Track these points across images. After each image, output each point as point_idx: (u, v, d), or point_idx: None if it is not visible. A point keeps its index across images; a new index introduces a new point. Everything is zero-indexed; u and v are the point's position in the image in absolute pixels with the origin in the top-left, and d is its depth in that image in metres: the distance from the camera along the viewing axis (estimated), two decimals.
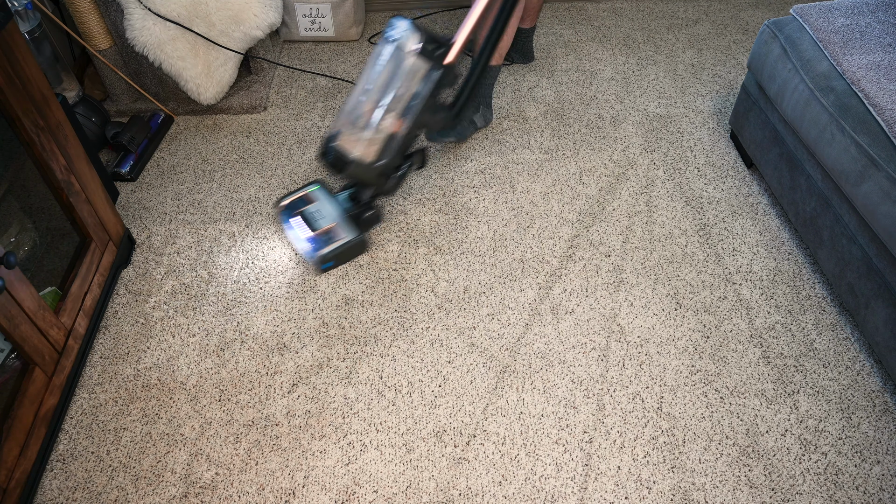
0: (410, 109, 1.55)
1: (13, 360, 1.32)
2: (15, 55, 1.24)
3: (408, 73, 1.50)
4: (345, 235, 1.67)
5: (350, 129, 1.55)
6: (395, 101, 1.52)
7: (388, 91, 1.51)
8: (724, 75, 2.27)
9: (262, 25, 2.05)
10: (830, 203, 1.51)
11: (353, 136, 1.55)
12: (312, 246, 1.65)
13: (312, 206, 1.75)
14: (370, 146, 1.55)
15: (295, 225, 1.72)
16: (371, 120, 1.53)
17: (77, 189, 1.45)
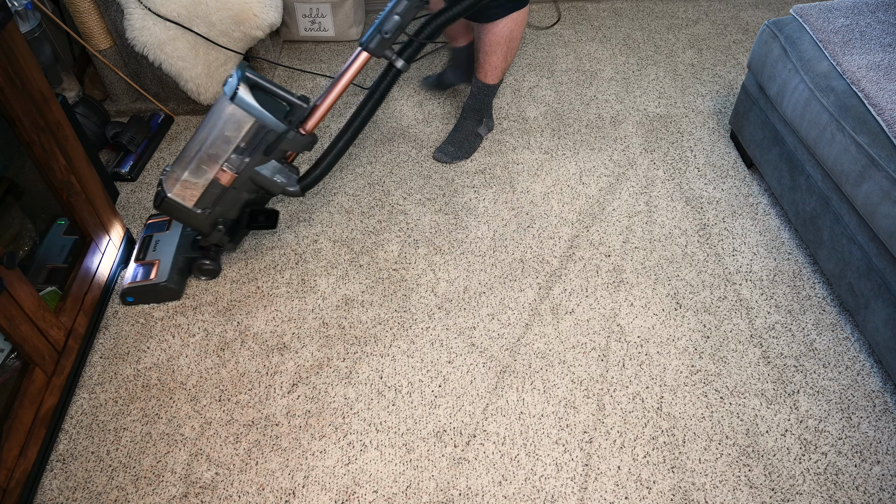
0: (238, 163, 1.48)
1: (13, 360, 1.32)
2: (15, 55, 1.24)
3: (228, 123, 1.42)
4: (158, 277, 1.58)
5: (175, 167, 1.49)
6: (215, 148, 1.45)
7: (209, 137, 1.45)
8: (724, 75, 2.27)
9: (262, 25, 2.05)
10: (830, 203, 1.51)
11: (174, 174, 1.49)
12: (131, 273, 1.60)
13: (161, 234, 1.67)
14: (188, 189, 1.49)
15: (138, 245, 1.66)
16: (192, 164, 1.47)
17: (77, 189, 1.45)
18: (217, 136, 1.44)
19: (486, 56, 1.81)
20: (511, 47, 1.80)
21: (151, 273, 1.59)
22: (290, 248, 1.74)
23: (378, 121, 2.13)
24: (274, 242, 1.76)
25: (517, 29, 1.76)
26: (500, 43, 1.77)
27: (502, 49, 1.79)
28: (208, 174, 1.48)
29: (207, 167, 1.47)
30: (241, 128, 1.43)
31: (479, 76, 1.89)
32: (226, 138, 1.44)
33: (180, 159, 1.49)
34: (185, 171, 1.48)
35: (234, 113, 1.41)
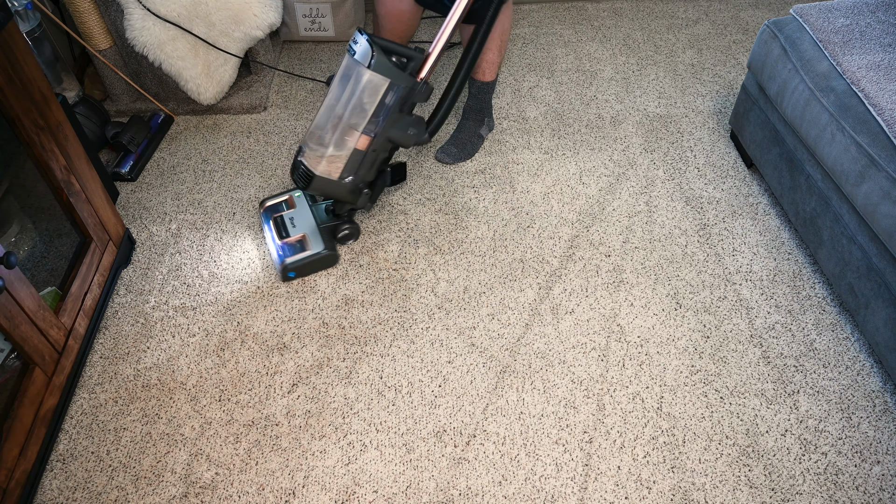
0: (375, 125, 1.50)
1: (13, 360, 1.32)
2: (15, 55, 1.24)
3: (366, 90, 1.43)
4: (313, 248, 1.63)
5: (315, 145, 1.52)
6: (355, 117, 1.47)
7: (348, 107, 1.46)
8: (724, 75, 2.27)
9: (262, 25, 2.05)
10: (830, 203, 1.51)
11: (316, 152, 1.52)
12: (280, 253, 1.63)
13: (290, 212, 1.72)
14: (333, 163, 1.52)
15: (269, 228, 1.70)
16: (333, 137, 1.49)
17: (77, 189, 1.45)
18: (356, 105, 1.45)
19: (482, 54, 1.81)
20: (504, 40, 1.81)
21: (306, 247, 1.64)
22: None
23: None
24: None
25: (507, 21, 1.77)
26: (494, 38, 1.77)
27: (496, 44, 1.79)
28: (349, 144, 1.50)
29: (349, 137, 1.49)
30: (379, 92, 1.44)
31: (477, 76, 1.89)
32: (364, 105, 1.45)
33: (319, 136, 1.51)
34: (328, 147, 1.50)
35: (371, 79, 1.42)
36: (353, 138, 1.49)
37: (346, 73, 1.45)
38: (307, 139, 1.53)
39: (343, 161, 1.52)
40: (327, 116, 1.49)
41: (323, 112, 1.50)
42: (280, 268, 1.62)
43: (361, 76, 1.42)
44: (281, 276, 1.63)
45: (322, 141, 1.50)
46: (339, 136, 1.49)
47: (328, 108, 1.49)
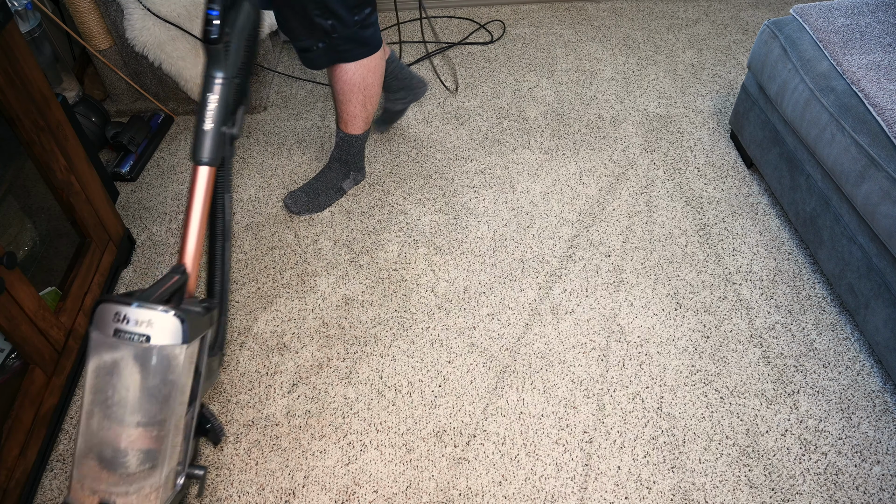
0: (195, 395, 1.01)
1: (13, 360, 1.32)
2: (15, 55, 1.24)
3: (184, 370, 0.93)
4: None
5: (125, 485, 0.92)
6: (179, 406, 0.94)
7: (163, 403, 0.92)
8: (724, 75, 2.27)
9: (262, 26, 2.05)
10: (830, 203, 1.51)
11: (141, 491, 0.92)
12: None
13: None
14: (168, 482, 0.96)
15: None
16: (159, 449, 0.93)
17: (77, 189, 1.45)
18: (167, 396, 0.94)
19: (342, 105, 1.68)
20: (368, 95, 1.65)
21: None
22: (290, 248, 1.74)
23: None
24: (274, 242, 1.76)
25: (371, 76, 1.61)
26: (356, 92, 1.63)
27: (358, 98, 1.64)
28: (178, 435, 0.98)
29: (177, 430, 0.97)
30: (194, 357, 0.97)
31: (341, 126, 1.74)
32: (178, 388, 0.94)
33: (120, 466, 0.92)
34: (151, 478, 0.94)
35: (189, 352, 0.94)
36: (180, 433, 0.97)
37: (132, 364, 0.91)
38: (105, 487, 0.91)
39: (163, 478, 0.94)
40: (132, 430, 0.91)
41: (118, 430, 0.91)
42: None
43: (175, 358, 0.92)
44: None
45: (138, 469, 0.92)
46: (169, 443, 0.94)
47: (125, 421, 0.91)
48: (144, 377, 0.91)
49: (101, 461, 0.91)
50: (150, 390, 0.92)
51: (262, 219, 1.82)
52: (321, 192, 1.82)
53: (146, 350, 0.90)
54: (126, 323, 0.90)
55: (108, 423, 0.91)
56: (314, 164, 1.98)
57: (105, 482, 0.91)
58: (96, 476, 0.91)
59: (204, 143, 1.05)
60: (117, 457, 0.91)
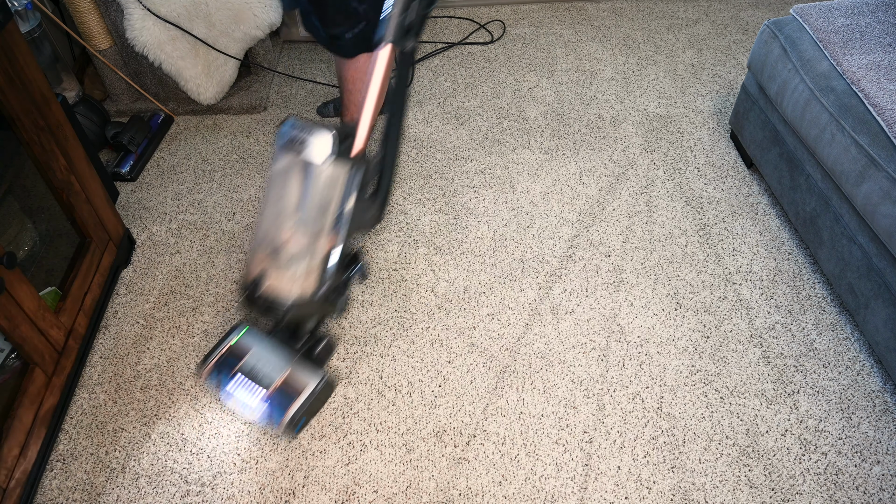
0: (340, 221, 1.25)
1: (13, 360, 1.32)
2: (15, 55, 1.24)
3: (328, 185, 1.20)
4: (307, 382, 1.28)
5: (276, 267, 1.24)
6: (320, 218, 1.22)
7: (310, 211, 1.21)
8: (724, 75, 2.27)
9: (262, 25, 2.05)
10: (830, 203, 1.51)
11: (283, 274, 1.24)
12: (270, 410, 1.25)
13: (249, 358, 1.32)
14: (308, 278, 1.25)
15: (236, 389, 1.28)
16: (301, 250, 1.23)
17: (77, 189, 1.45)
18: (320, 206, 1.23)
19: (353, 95, 1.69)
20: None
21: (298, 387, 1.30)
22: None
23: (378, 120, 2.13)
24: None
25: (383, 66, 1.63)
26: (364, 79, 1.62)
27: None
28: (320, 250, 1.27)
29: (318, 243, 1.26)
30: (340, 183, 1.24)
31: (348, 118, 1.75)
32: (328, 203, 1.23)
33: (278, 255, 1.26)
34: (300, 263, 1.25)
35: (333, 173, 1.21)
36: (321, 243, 1.25)
37: (297, 172, 1.21)
38: (261, 265, 1.26)
39: (316, 272, 1.27)
40: (283, 228, 1.23)
41: (276, 227, 1.24)
42: (284, 426, 1.24)
43: (321, 172, 1.19)
44: (288, 433, 1.34)
45: (286, 259, 1.24)
46: (308, 247, 1.24)
47: (282, 220, 1.23)
48: (301, 184, 1.21)
49: (268, 250, 1.25)
50: (303, 197, 1.21)
51: None
52: None
53: (303, 159, 1.19)
54: (294, 135, 1.20)
55: (276, 220, 1.24)
56: None
57: (267, 264, 1.25)
58: (261, 261, 1.26)
59: (387, 27, 1.23)
60: (278, 249, 1.24)
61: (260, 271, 1.26)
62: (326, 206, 1.22)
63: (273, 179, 1.23)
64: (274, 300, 1.24)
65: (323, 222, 1.23)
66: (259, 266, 1.26)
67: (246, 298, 1.27)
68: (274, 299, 1.24)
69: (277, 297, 1.24)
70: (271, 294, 1.25)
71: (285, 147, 1.21)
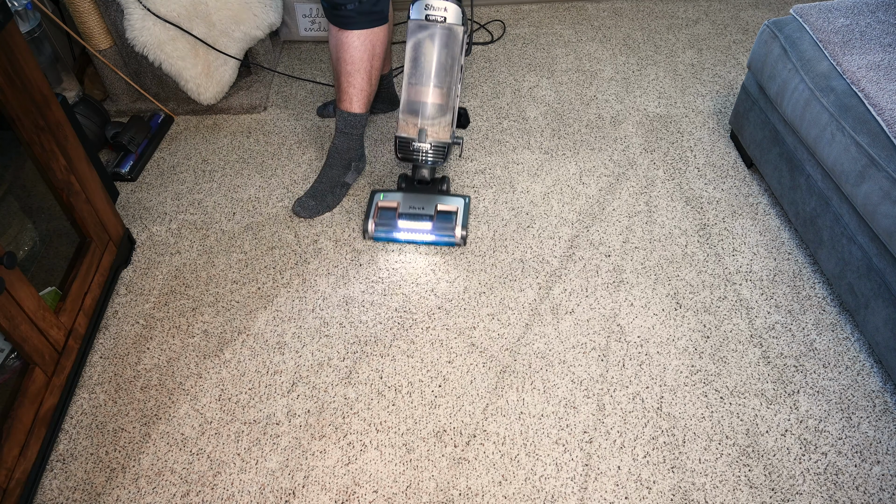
0: (461, 74, 1.65)
1: (13, 360, 1.32)
2: (15, 55, 1.24)
3: (457, 44, 1.58)
4: (457, 205, 1.71)
5: (434, 118, 1.63)
6: (454, 73, 1.61)
7: (450, 68, 1.60)
8: (724, 75, 2.27)
9: (262, 25, 2.05)
10: (830, 203, 1.51)
11: (440, 123, 1.63)
12: (441, 232, 1.68)
13: (401, 207, 1.70)
14: (451, 124, 1.65)
15: (407, 228, 1.69)
16: (443, 103, 1.62)
17: (77, 189, 1.45)
18: (454, 62, 1.62)
19: (348, 78, 1.67)
20: (375, 67, 1.67)
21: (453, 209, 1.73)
22: (291, 248, 1.74)
23: (377, 120, 2.13)
24: (274, 242, 1.76)
25: (379, 46, 1.65)
26: (363, 61, 1.64)
27: (365, 68, 1.65)
28: (454, 100, 1.67)
29: (452, 93, 1.66)
30: (461, 40, 1.62)
31: (345, 105, 1.71)
32: (457, 59, 1.62)
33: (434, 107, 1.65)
34: (448, 113, 1.66)
35: (459, 34, 1.60)
36: (454, 93, 1.63)
37: (438, 39, 1.59)
38: (424, 118, 1.63)
39: (451, 118, 1.64)
40: (436, 85, 1.61)
41: (420, 89, 1.61)
42: (458, 241, 1.69)
43: (456, 34, 1.57)
44: (462, 242, 1.70)
45: (438, 110, 1.62)
46: (449, 97, 1.62)
47: (433, 78, 1.61)
48: (439, 48, 1.61)
49: (416, 111, 1.65)
50: (440, 58, 1.61)
51: (262, 219, 1.82)
52: (327, 193, 1.82)
53: (445, 27, 1.59)
54: (431, 9, 1.60)
55: (419, 84, 1.63)
56: (314, 164, 1.98)
57: (420, 122, 1.65)
58: (413, 120, 1.65)
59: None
60: (425, 107, 1.65)
61: (419, 127, 1.64)
62: (455, 63, 1.61)
63: (415, 49, 1.60)
64: (438, 146, 1.66)
65: (454, 76, 1.62)
66: (414, 124, 1.64)
67: (410, 151, 1.67)
68: (438, 145, 1.66)
69: (440, 142, 1.66)
70: (434, 140, 1.65)
71: (426, 20, 1.58)
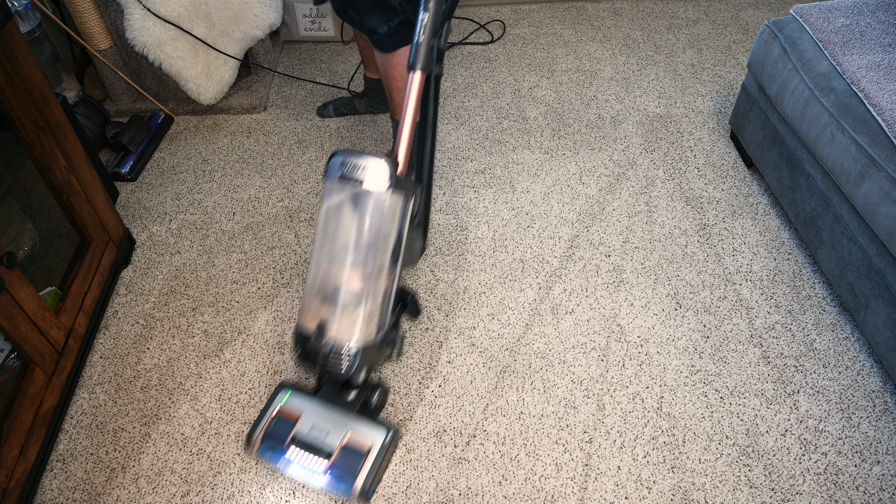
0: (398, 253, 1.20)
1: (13, 360, 1.32)
2: (15, 55, 1.24)
3: (387, 217, 1.14)
4: (373, 441, 1.22)
5: (337, 313, 1.15)
6: (380, 253, 1.16)
7: (370, 247, 1.15)
8: (724, 75, 2.27)
9: (262, 25, 2.05)
10: (830, 203, 1.51)
11: (350, 318, 1.15)
12: (337, 478, 1.19)
13: (301, 425, 1.24)
14: (372, 321, 1.17)
15: (295, 459, 1.21)
16: (361, 291, 1.15)
17: (77, 189, 1.45)
18: (380, 239, 1.17)
19: (397, 93, 1.68)
20: None
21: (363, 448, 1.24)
22: (291, 248, 1.74)
23: (377, 120, 2.13)
24: (274, 242, 1.76)
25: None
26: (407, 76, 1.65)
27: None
28: (381, 288, 1.20)
29: (379, 281, 1.19)
30: (397, 212, 1.18)
31: (396, 115, 1.75)
32: (387, 235, 1.17)
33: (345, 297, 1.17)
34: (364, 305, 1.17)
35: (392, 202, 1.15)
36: (382, 280, 1.18)
37: (358, 206, 1.14)
38: (320, 313, 1.16)
39: (378, 312, 1.19)
40: (354, 264, 1.15)
41: (332, 268, 1.17)
42: (356, 494, 1.18)
43: (381, 202, 1.13)
44: (361, 502, 1.20)
45: (353, 299, 1.16)
46: (375, 284, 1.16)
47: (341, 259, 1.16)
48: (358, 218, 1.15)
49: (323, 296, 1.17)
50: (360, 231, 1.15)
51: (262, 219, 1.82)
52: None
53: (360, 192, 1.14)
54: (348, 168, 1.14)
55: (331, 261, 1.16)
56: (314, 164, 1.98)
57: (325, 311, 1.16)
58: (319, 306, 1.17)
59: (420, 53, 1.21)
60: (335, 293, 1.16)
61: (320, 320, 1.15)
62: (386, 239, 1.16)
63: (326, 217, 1.16)
64: (341, 349, 1.14)
65: (383, 257, 1.16)
66: (316, 314, 1.16)
67: (305, 352, 1.16)
68: (340, 351, 1.14)
69: (344, 348, 1.14)
70: (337, 345, 1.14)
71: (339, 181, 1.14)
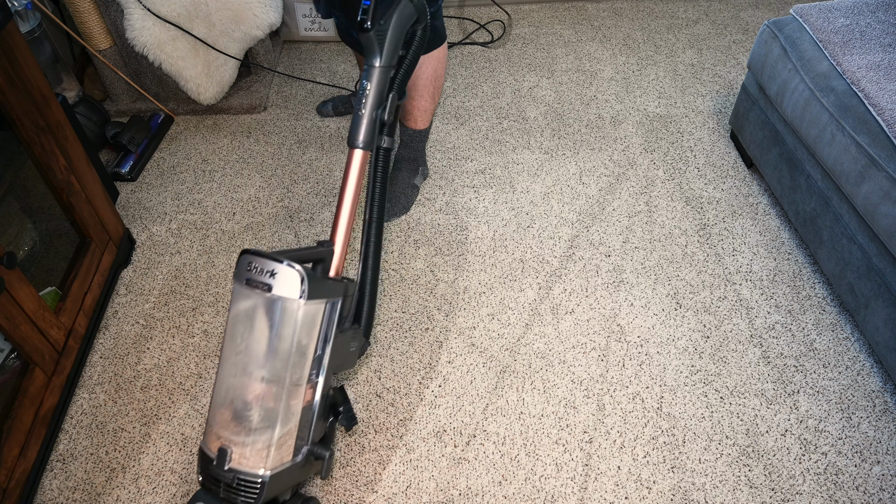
0: (321, 365, 1.06)
1: (13, 360, 1.32)
2: (15, 55, 1.24)
3: (304, 324, 0.99)
4: None
5: (244, 434, 0.99)
6: (296, 366, 1.01)
7: (282, 359, 0.99)
8: (724, 75, 2.27)
9: (262, 25, 2.05)
10: (830, 203, 1.51)
11: (257, 444, 0.99)
12: None
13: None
14: (285, 444, 1.02)
15: None
16: (273, 408, 0.99)
17: (77, 189, 1.45)
18: (295, 353, 1.01)
19: (413, 101, 1.70)
20: (437, 87, 1.69)
21: None
22: None
23: None
24: (274, 242, 1.76)
25: (440, 67, 1.67)
26: (427, 85, 1.67)
27: (429, 91, 1.69)
28: (296, 407, 1.04)
29: (294, 398, 1.03)
30: (317, 322, 1.04)
31: (409, 123, 1.77)
32: (304, 348, 1.02)
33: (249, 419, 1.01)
34: (275, 428, 1.01)
35: (307, 311, 0.99)
36: (300, 395, 1.02)
37: (266, 315, 0.98)
38: (225, 435, 1.00)
39: (296, 430, 1.03)
40: (257, 382, 0.99)
41: (240, 383, 1.00)
42: None
43: (293, 313, 0.97)
44: None
45: (262, 419, 0.99)
46: (286, 402, 1.00)
47: (252, 372, 0.99)
48: (268, 328, 0.99)
49: (232, 411, 1.00)
50: (272, 343, 0.99)
51: (262, 219, 1.82)
52: (401, 195, 1.81)
53: (269, 299, 0.97)
54: (255, 272, 0.97)
55: (239, 373, 1.00)
56: (314, 164, 1.98)
57: (230, 431, 1.00)
58: (225, 424, 1.00)
59: (359, 128, 1.12)
60: (244, 409, 1.00)
61: (223, 442, 0.99)
62: (303, 351, 1.01)
63: (234, 324, 1.00)
64: (247, 478, 0.98)
65: (300, 371, 1.01)
66: (221, 435, 1.00)
67: (207, 478, 1.00)
68: (247, 477, 0.98)
69: (251, 473, 0.98)
70: (243, 475, 0.98)
71: (247, 285, 0.98)
